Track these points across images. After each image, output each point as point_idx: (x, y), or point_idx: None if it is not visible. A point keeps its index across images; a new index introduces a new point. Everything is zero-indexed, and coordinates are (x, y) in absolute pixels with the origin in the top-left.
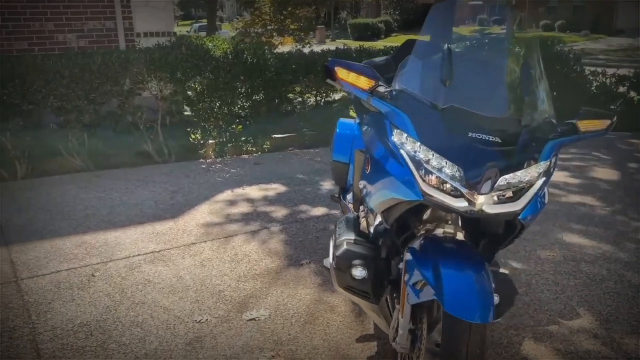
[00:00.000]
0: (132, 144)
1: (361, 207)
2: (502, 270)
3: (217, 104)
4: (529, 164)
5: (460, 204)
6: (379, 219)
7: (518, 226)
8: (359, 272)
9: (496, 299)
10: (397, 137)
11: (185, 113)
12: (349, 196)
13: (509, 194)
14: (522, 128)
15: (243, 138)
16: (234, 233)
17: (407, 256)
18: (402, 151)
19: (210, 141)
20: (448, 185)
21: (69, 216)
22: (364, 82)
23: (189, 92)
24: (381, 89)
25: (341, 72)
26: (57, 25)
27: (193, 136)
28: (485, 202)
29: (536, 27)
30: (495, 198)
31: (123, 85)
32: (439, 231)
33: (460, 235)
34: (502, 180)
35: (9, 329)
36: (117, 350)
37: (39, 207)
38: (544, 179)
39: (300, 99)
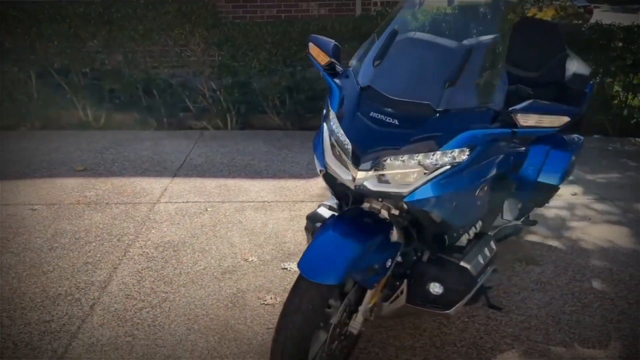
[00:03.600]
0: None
1: None
2: (462, 263)
3: None
4: (428, 149)
5: (347, 177)
6: None
7: (411, 210)
8: None
9: (439, 289)
10: (330, 111)
11: None
12: None
13: (410, 177)
14: (433, 114)
15: None
16: None
17: None
18: (323, 124)
19: None
20: (344, 160)
21: (235, 164)
22: (321, 58)
23: None
24: (337, 67)
25: (311, 47)
26: None
27: None
28: (365, 178)
29: None
30: (388, 176)
31: None
32: (366, 205)
33: (385, 214)
34: (391, 160)
35: (121, 235)
36: (173, 266)
37: (223, 152)
38: (446, 167)
39: None
